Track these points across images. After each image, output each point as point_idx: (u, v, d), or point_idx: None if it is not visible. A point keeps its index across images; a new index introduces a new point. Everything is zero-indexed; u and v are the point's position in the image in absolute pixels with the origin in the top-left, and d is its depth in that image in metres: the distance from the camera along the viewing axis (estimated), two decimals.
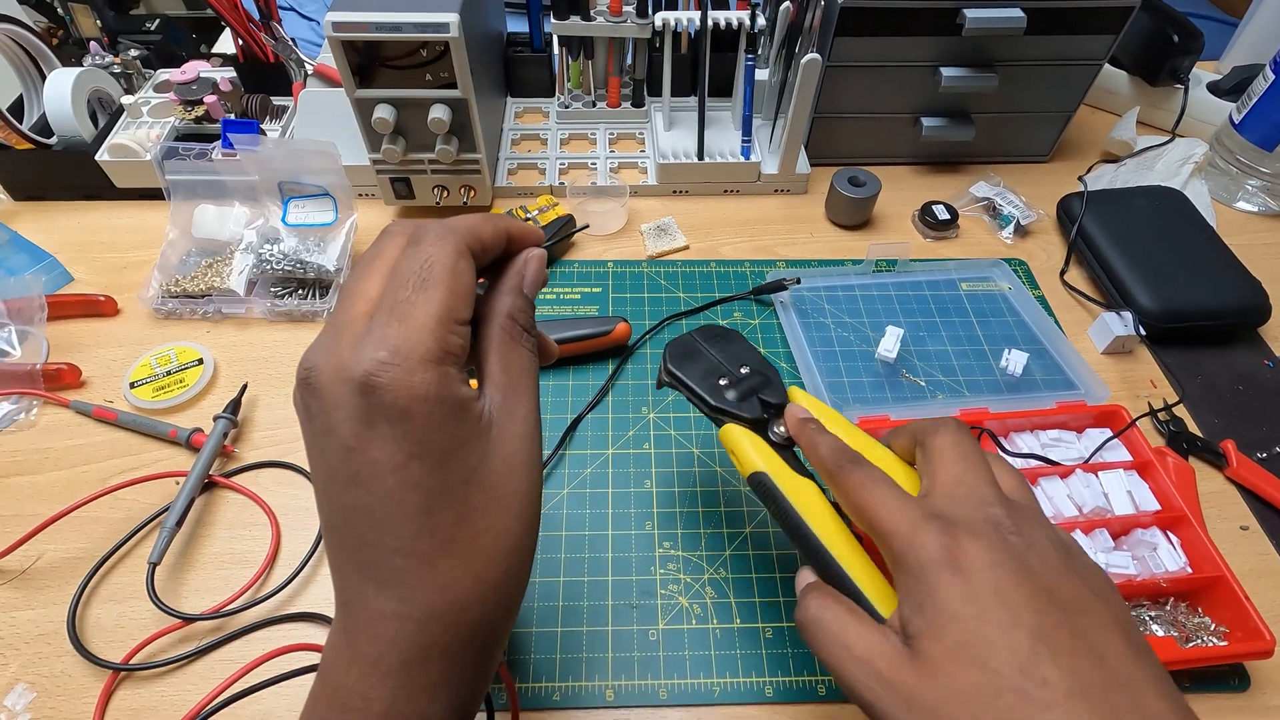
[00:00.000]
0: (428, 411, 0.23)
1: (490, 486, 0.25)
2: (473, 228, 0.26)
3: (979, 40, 0.66)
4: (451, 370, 0.24)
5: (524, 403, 0.26)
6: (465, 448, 0.24)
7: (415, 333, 0.23)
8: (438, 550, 0.24)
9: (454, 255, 0.25)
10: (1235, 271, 0.62)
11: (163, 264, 0.62)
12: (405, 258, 0.25)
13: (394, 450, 0.23)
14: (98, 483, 0.51)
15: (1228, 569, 0.43)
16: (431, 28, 0.55)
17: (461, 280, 0.25)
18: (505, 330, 0.27)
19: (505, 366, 0.27)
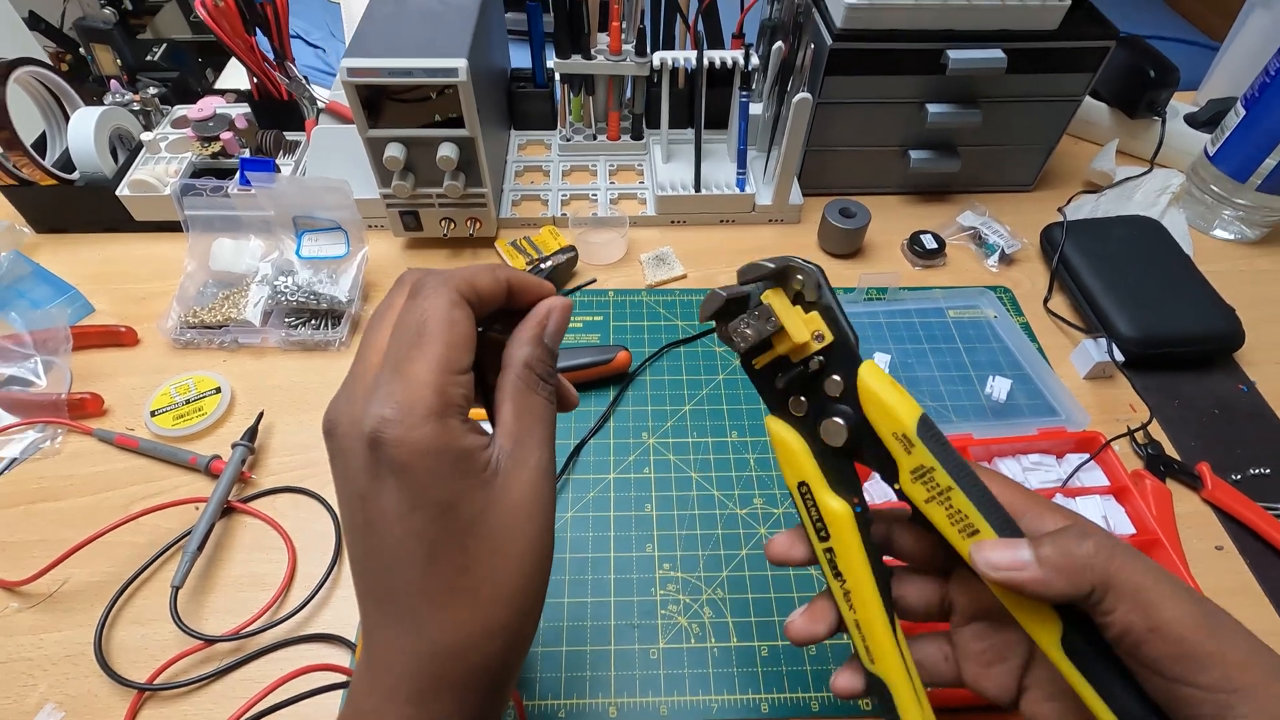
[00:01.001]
0: (428, 466, 0.24)
1: (492, 536, 0.25)
2: (468, 277, 0.27)
3: (962, 79, 0.69)
4: (453, 422, 0.24)
5: (535, 451, 0.27)
6: (467, 499, 0.25)
7: (416, 389, 0.24)
8: (443, 594, 0.25)
9: (448, 306, 0.25)
10: (1210, 299, 0.65)
11: (181, 295, 0.64)
12: (405, 311, 0.26)
13: (399, 501, 0.24)
14: (120, 508, 0.53)
15: (1199, 591, 0.45)
16: (441, 73, 0.58)
17: (457, 330, 0.25)
18: (521, 378, 0.27)
19: (518, 414, 0.27)
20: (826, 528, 0.29)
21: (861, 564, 0.29)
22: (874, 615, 0.29)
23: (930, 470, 0.27)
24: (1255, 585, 0.51)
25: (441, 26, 0.62)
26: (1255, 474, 0.57)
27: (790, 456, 0.30)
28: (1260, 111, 0.68)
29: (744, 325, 0.28)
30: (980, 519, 0.26)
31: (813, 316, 0.28)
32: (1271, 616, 0.50)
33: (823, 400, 0.29)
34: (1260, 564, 0.52)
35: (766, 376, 0.30)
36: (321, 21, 1.40)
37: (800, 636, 0.31)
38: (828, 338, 0.28)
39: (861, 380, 0.28)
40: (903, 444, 0.27)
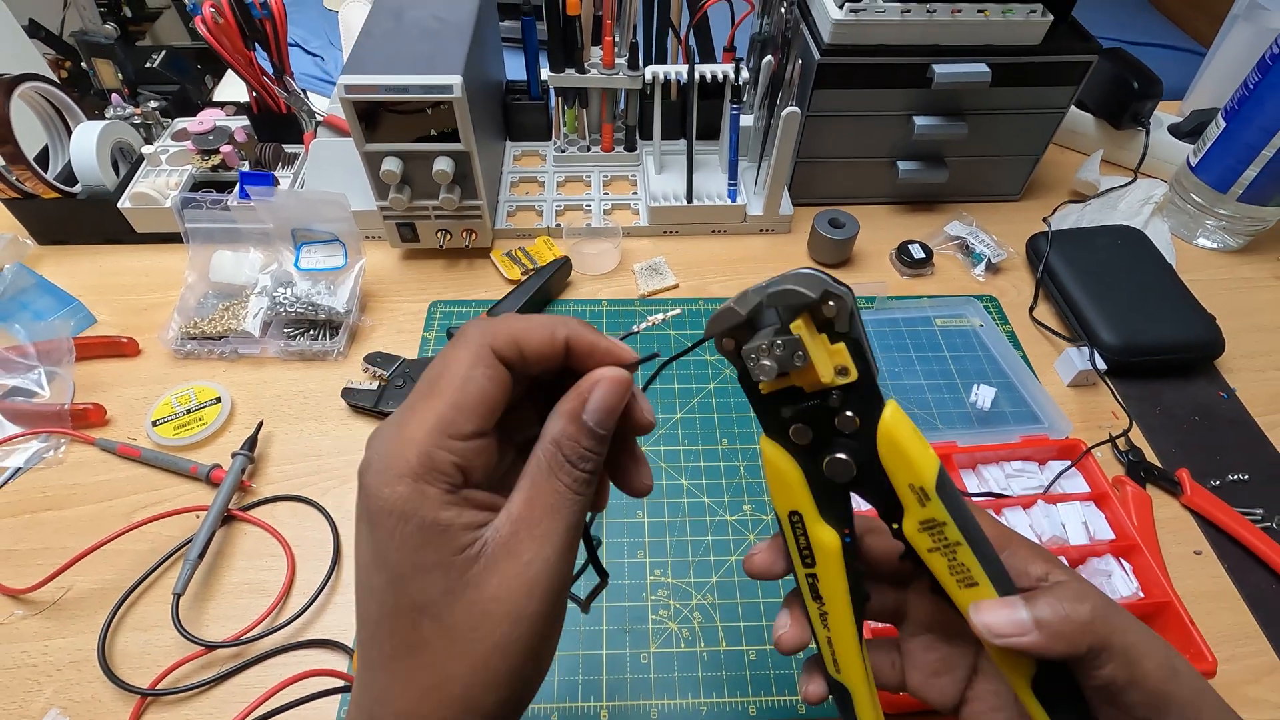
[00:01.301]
0: (390, 526, 0.22)
1: (450, 626, 0.22)
2: (513, 331, 0.24)
3: (948, 92, 0.70)
4: (431, 489, 0.22)
5: (537, 546, 0.23)
6: (425, 575, 0.22)
7: (402, 443, 0.22)
8: (382, 664, 0.23)
9: (469, 364, 0.23)
10: (1191, 307, 0.66)
11: (182, 306, 0.65)
12: (436, 358, 0.24)
13: (365, 550, 0.23)
14: (122, 517, 0.54)
15: (1175, 595, 0.47)
16: (436, 89, 0.59)
17: (469, 391, 0.23)
18: (545, 456, 0.24)
19: (530, 498, 0.24)
20: (813, 556, 0.28)
21: (842, 592, 0.28)
22: (847, 635, 0.29)
23: (941, 525, 0.26)
24: (1232, 589, 0.52)
25: (437, 43, 0.64)
26: (1234, 480, 0.58)
27: (785, 485, 0.28)
28: (1240, 124, 0.70)
29: (765, 356, 0.25)
30: (982, 575, 0.26)
31: (839, 349, 0.26)
32: (1248, 619, 0.51)
33: (830, 433, 0.27)
34: (1237, 568, 0.53)
35: (771, 401, 0.27)
36: (320, 30, 1.42)
37: (793, 646, 0.31)
38: (851, 374, 0.26)
39: (884, 427, 0.26)
40: (918, 496, 0.26)
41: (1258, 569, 0.53)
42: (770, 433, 0.28)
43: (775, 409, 0.27)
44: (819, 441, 0.27)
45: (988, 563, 0.26)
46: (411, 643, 0.22)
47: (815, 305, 0.25)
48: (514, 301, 0.66)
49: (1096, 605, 0.25)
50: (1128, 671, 0.24)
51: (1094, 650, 0.24)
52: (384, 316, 0.68)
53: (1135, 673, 0.24)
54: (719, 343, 0.27)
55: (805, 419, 0.27)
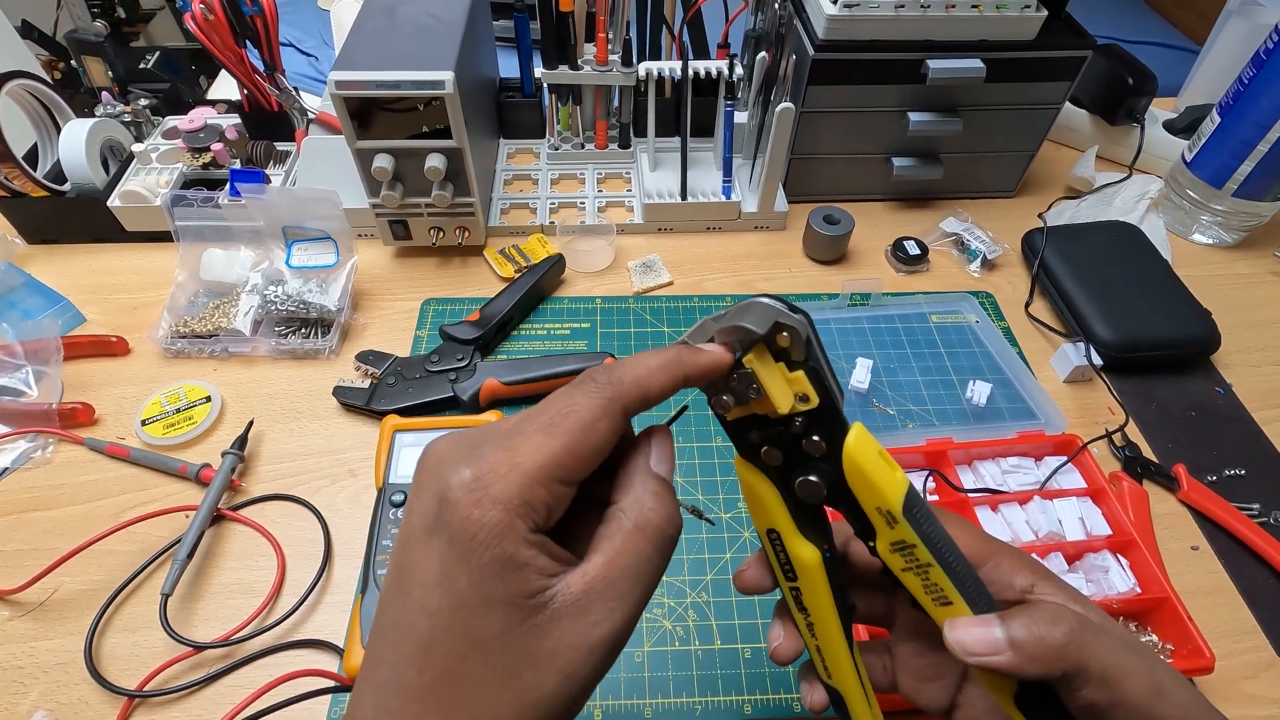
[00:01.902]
0: (469, 549, 0.21)
1: (499, 669, 0.21)
2: (639, 381, 0.24)
3: (943, 88, 0.70)
4: (519, 523, 0.21)
5: (609, 610, 0.22)
6: (488, 610, 0.21)
7: (508, 470, 0.22)
8: (415, 691, 0.22)
9: (597, 414, 0.23)
10: (1187, 303, 0.66)
11: (172, 305, 0.65)
12: (561, 393, 0.24)
13: (432, 566, 0.22)
14: (111, 517, 0.53)
15: (1172, 590, 0.46)
16: (428, 85, 0.59)
17: (590, 442, 0.23)
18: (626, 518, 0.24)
19: (610, 560, 0.23)
20: (795, 571, 0.29)
21: (827, 604, 0.29)
22: (835, 642, 0.29)
23: (911, 547, 0.26)
24: (1230, 584, 0.52)
25: (429, 39, 0.63)
26: (1230, 475, 0.58)
27: (760, 505, 0.28)
28: (1235, 119, 0.70)
29: (722, 391, 0.26)
30: (955, 593, 0.26)
31: (797, 377, 0.26)
32: (1245, 615, 0.50)
33: (799, 457, 0.27)
34: (1234, 563, 0.53)
35: (740, 428, 0.28)
36: (314, 30, 1.41)
37: (788, 656, 0.31)
38: (813, 400, 0.26)
39: (848, 453, 0.26)
40: (885, 519, 0.26)
41: (1255, 564, 0.53)
42: (744, 454, 0.28)
43: (744, 434, 0.28)
44: (790, 463, 0.27)
45: (961, 583, 0.26)
46: (455, 675, 0.22)
47: (767, 339, 0.25)
48: (507, 299, 0.65)
49: (1073, 628, 0.24)
50: (1108, 694, 0.24)
51: (1069, 674, 0.24)
52: (376, 315, 0.68)
53: (1116, 695, 0.24)
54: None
55: (774, 443, 0.27)
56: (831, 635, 0.29)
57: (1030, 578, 0.27)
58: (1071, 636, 0.24)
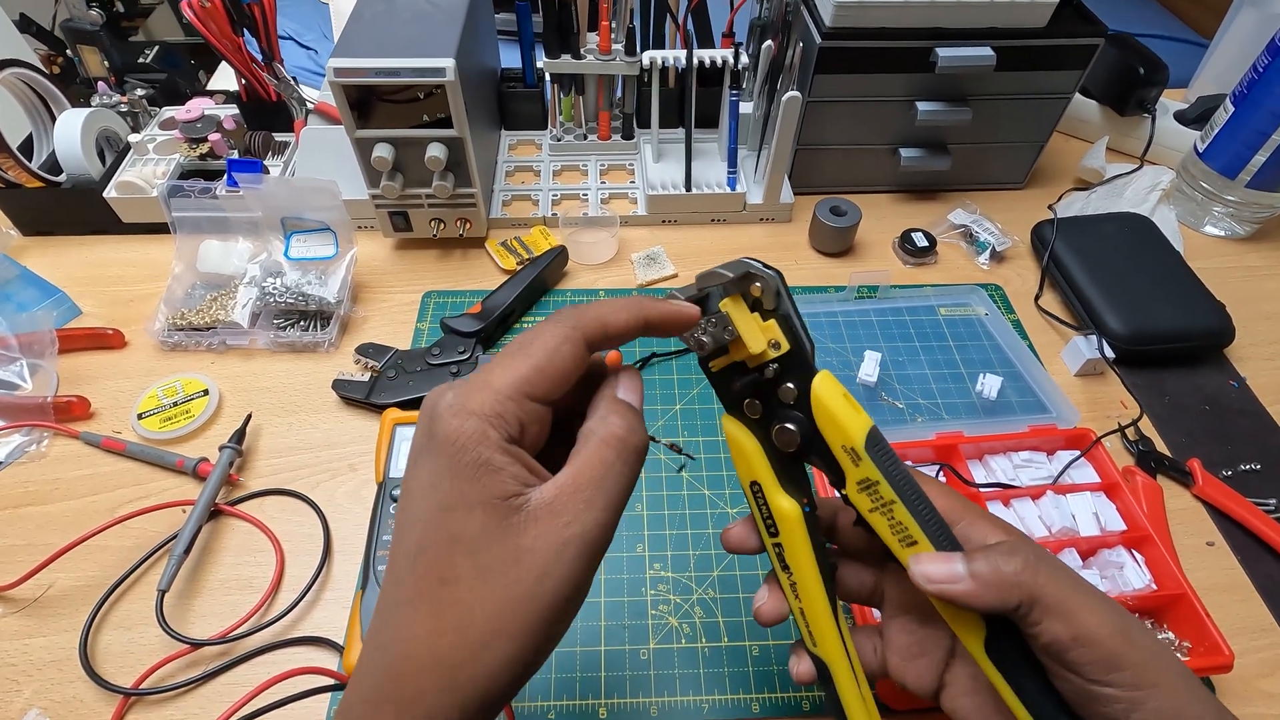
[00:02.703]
0: (450, 454, 0.24)
1: (483, 566, 0.23)
2: (601, 314, 0.27)
3: (951, 77, 0.69)
4: (492, 432, 0.24)
5: (577, 511, 0.24)
6: (469, 510, 0.23)
7: (481, 389, 0.24)
8: (410, 598, 0.24)
9: (559, 338, 0.25)
10: (1200, 295, 0.65)
11: (169, 298, 0.64)
12: (530, 329, 0.27)
13: (423, 478, 0.24)
14: (107, 512, 0.52)
15: (1189, 587, 0.45)
16: (429, 73, 0.58)
17: (553, 361, 0.25)
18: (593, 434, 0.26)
19: (578, 468, 0.25)
20: (776, 525, 0.30)
21: (808, 560, 0.30)
22: (818, 605, 0.30)
23: (875, 484, 0.28)
24: (1246, 580, 0.51)
25: (429, 27, 0.62)
26: (1246, 470, 0.57)
27: (743, 456, 0.30)
28: (1249, 108, 0.68)
29: (700, 332, 0.29)
30: (919, 532, 0.28)
31: (770, 325, 0.28)
32: (1262, 611, 0.50)
33: (776, 406, 0.29)
34: (1250, 559, 0.52)
35: (723, 379, 0.30)
36: (314, 23, 1.40)
37: (771, 617, 0.32)
38: (784, 346, 0.28)
39: (814, 392, 0.28)
40: (850, 456, 0.28)
41: (1271, 560, 0.52)
42: (729, 409, 0.31)
43: (727, 385, 0.30)
44: (768, 414, 0.30)
45: (925, 521, 0.28)
46: (444, 576, 0.23)
47: (739, 284, 0.28)
48: (508, 292, 0.64)
49: (1027, 559, 0.26)
50: (1067, 628, 0.25)
51: (1025, 605, 0.26)
52: (376, 307, 0.67)
53: (1076, 630, 0.25)
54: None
55: (753, 393, 0.30)
56: (814, 596, 0.30)
57: (1003, 536, 0.29)
58: (1026, 565, 0.26)
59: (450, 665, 0.23)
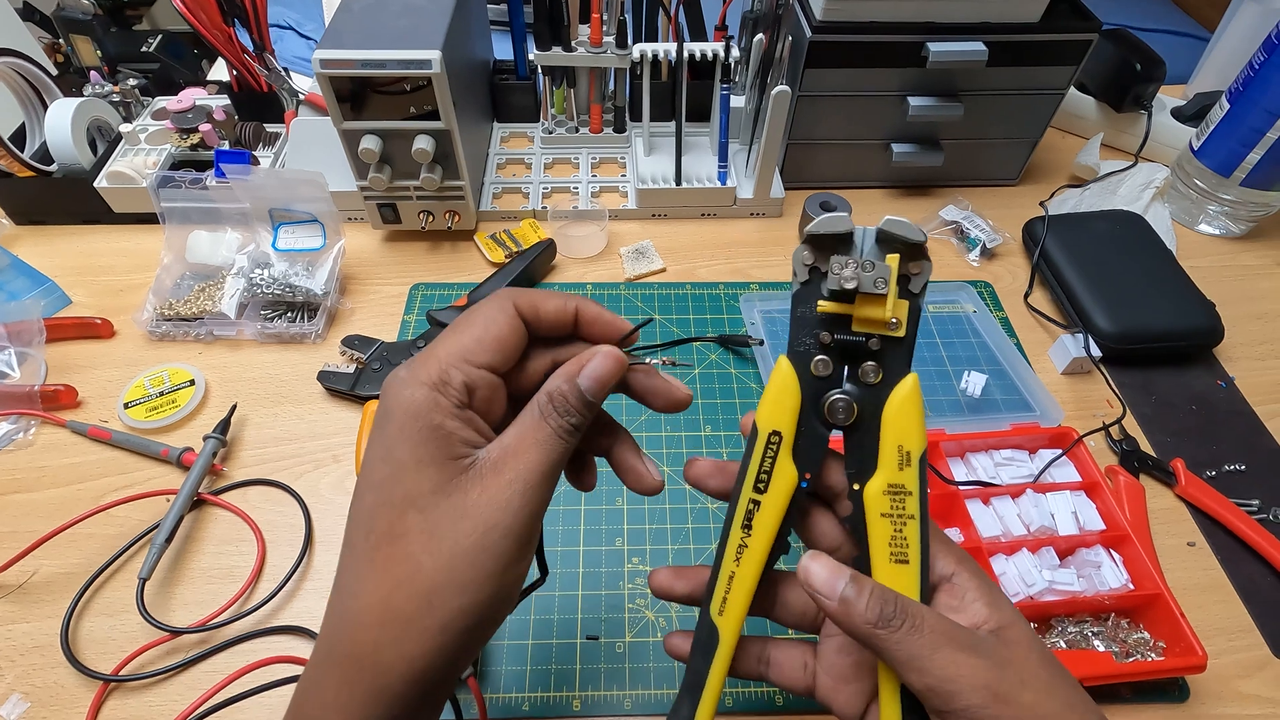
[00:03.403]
0: (402, 422, 0.25)
1: (432, 521, 0.25)
2: (533, 296, 0.29)
3: (943, 71, 0.68)
4: (441, 399, 0.25)
5: (517, 470, 0.26)
6: (421, 470, 0.25)
7: (426, 360, 0.26)
8: (364, 553, 0.25)
9: (494, 310, 0.28)
10: (1190, 294, 0.64)
11: (157, 287, 0.64)
12: (470, 308, 0.28)
13: (379, 447, 0.26)
14: (92, 500, 0.53)
15: (1166, 587, 0.45)
16: (414, 64, 0.58)
17: (489, 330, 0.27)
18: (539, 402, 0.27)
19: (520, 433, 0.27)
20: (768, 485, 0.29)
21: (772, 530, 0.29)
22: (750, 576, 0.30)
23: (907, 495, 0.28)
24: (1226, 582, 0.51)
25: (418, 18, 0.62)
26: (1230, 470, 0.56)
27: (781, 404, 0.29)
28: (1244, 106, 0.68)
29: (850, 267, 0.26)
30: (916, 555, 0.28)
31: (903, 304, 0.28)
32: (1241, 612, 0.49)
33: (846, 377, 0.29)
34: (1231, 560, 0.52)
35: (813, 323, 0.29)
36: (314, 13, 1.39)
37: (661, 589, 0.33)
38: (901, 330, 0.28)
39: (904, 389, 0.28)
40: (900, 458, 0.28)
41: (1252, 561, 0.52)
42: (793, 356, 0.29)
43: (813, 333, 0.29)
44: (832, 382, 0.29)
45: (924, 547, 0.28)
46: (395, 532, 0.25)
47: (910, 250, 0.27)
48: (496, 284, 0.64)
49: (884, 614, 0.26)
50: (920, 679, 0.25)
51: (878, 652, 0.26)
52: (364, 299, 0.67)
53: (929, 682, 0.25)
54: (809, 242, 0.28)
55: (839, 354, 0.29)
56: (754, 566, 0.30)
57: (953, 566, 0.29)
58: (881, 621, 0.26)
59: (402, 618, 0.24)
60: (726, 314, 0.67)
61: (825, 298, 0.28)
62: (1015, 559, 0.48)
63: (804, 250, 0.28)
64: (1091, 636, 0.45)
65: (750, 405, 0.60)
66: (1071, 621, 0.46)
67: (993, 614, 0.27)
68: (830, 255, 0.27)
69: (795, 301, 0.29)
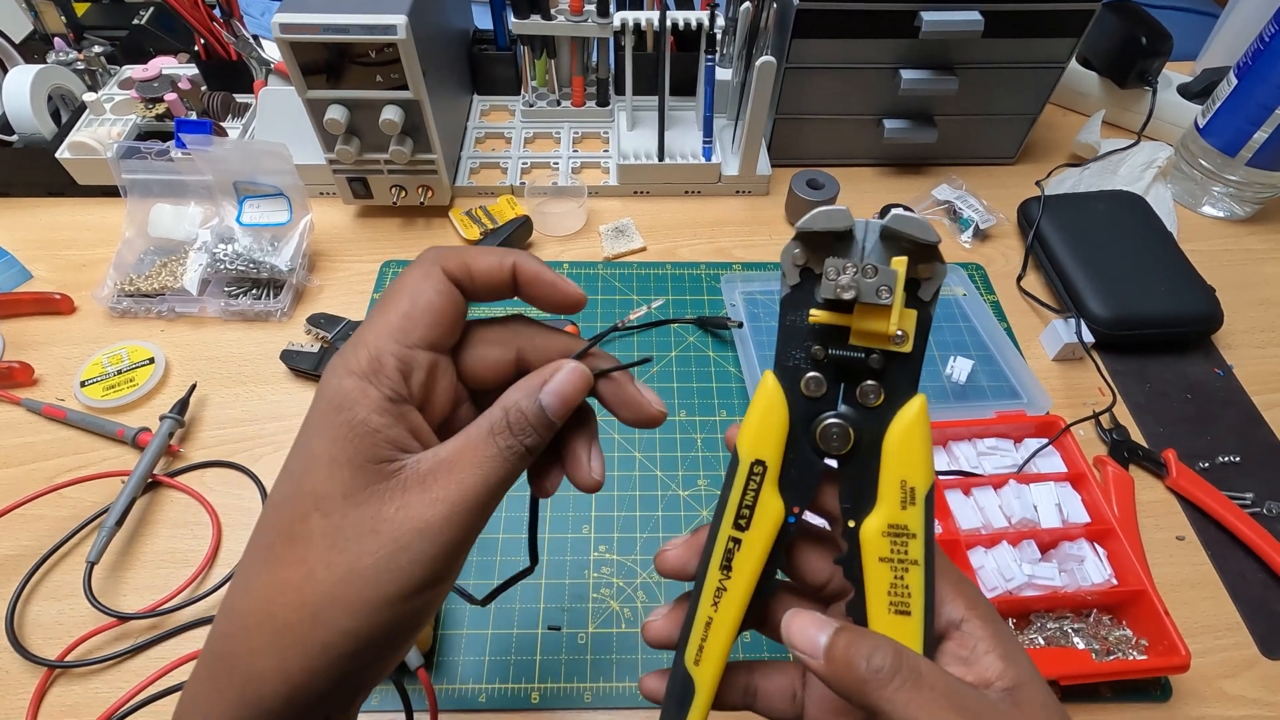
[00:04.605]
0: (324, 412, 0.22)
1: (335, 528, 0.22)
2: (462, 254, 0.25)
3: (938, 43, 0.65)
4: (372, 390, 0.22)
5: (448, 490, 0.22)
6: (335, 468, 0.22)
7: (357, 347, 0.23)
8: (258, 550, 0.22)
9: (419, 278, 0.24)
10: (1189, 279, 0.62)
11: (119, 263, 0.62)
12: (394, 279, 0.25)
13: (302, 439, 0.23)
14: (44, 480, 0.51)
15: (1151, 583, 0.43)
16: (379, 29, 0.55)
17: (418, 300, 0.24)
18: (491, 417, 0.24)
19: (461, 446, 0.23)
20: (750, 521, 0.25)
21: (755, 572, 0.25)
22: (729, 622, 0.25)
23: (910, 537, 0.24)
24: (1215, 577, 0.49)
25: None
26: (1224, 461, 0.54)
27: (767, 429, 0.25)
28: (1253, 81, 0.65)
29: (848, 273, 0.23)
30: (920, 606, 0.24)
31: (910, 314, 0.23)
32: (1229, 609, 0.48)
33: (841, 399, 0.25)
34: (1221, 555, 0.50)
35: (804, 334, 0.25)
36: None
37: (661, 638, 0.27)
38: (907, 346, 0.24)
39: (909, 414, 0.24)
40: (904, 496, 0.24)
41: (1243, 557, 0.50)
42: (780, 371, 0.25)
43: (804, 346, 0.25)
44: (825, 403, 0.25)
45: (928, 597, 0.24)
46: (294, 532, 0.22)
47: (920, 251, 0.23)
48: None
49: (881, 669, 0.22)
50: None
51: (869, 709, 0.22)
52: (334, 276, 0.65)
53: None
54: (800, 239, 0.24)
55: (827, 371, 0.25)
56: (734, 611, 0.26)
57: (962, 610, 0.24)
58: (875, 677, 0.22)
59: (282, 625, 0.21)
60: (707, 295, 0.64)
61: (819, 305, 0.24)
62: (994, 552, 0.46)
63: (794, 247, 0.24)
64: (1071, 633, 0.44)
65: (727, 389, 0.58)
66: (1051, 617, 0.44)
67: (1007, 669, 0.23)
68: (825, 255, 0.23)
69: (784, 308, 0.25)
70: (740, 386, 0.58)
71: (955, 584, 0.25)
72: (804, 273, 0.24)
